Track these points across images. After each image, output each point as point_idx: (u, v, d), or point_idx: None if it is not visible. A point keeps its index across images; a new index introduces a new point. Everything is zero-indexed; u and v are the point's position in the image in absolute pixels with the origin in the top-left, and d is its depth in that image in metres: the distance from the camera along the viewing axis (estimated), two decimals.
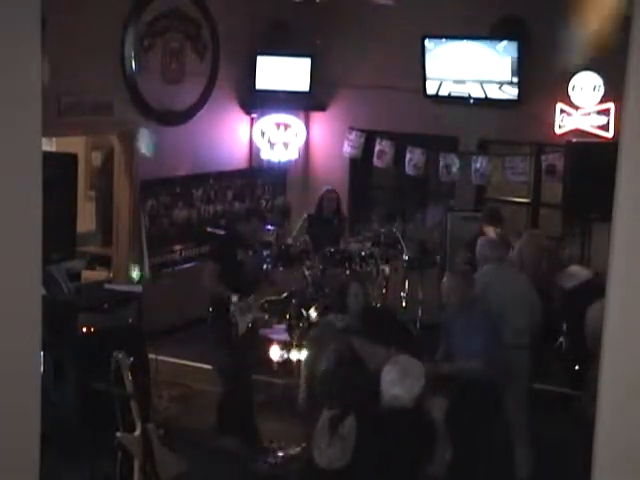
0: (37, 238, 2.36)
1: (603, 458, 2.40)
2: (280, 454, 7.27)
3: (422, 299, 10.17)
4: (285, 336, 8.91)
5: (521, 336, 6.94)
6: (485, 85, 10.28)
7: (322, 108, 11.43)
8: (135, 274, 9.50)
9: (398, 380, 4.89)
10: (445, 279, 6.78)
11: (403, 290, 10.13)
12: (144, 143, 9.53)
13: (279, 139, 11.22)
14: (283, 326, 8.97)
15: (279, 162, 11.36)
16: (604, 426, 2.39)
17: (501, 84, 10.19)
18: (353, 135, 11.11)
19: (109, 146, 10.55)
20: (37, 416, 2.46)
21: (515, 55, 10.01)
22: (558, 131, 9.99)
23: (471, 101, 10.41)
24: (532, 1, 10.01)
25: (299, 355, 8.74)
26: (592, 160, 8.74)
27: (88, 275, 10.53)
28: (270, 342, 8.91)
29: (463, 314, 6.53)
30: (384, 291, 10.14)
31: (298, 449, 6.94)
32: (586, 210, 9.04)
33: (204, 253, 10.52)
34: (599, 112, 9.78)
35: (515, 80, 10.09)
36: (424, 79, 10.49)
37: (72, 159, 7.52)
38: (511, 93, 10.17)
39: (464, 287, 6.59)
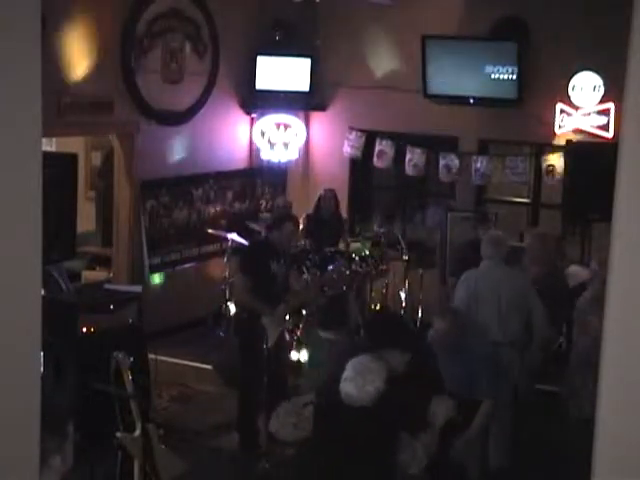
0: (37, 238, 2.36)
1: (603, 458, 2.40)
2: None
3: (422, 299, 10.18)
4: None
5: (514, 334, 6.94)
6: (485, 85, 10.27)
7: (322, 108, 11.43)
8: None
9: (351, 378, 4.80)
10: (435, 322, 6.53)
11: (403, 290, 10.13)
12: None
13: (279, 139, 11.21)
14: None
15: (279, 162, 11.35)
16: (604, 426, 2.39)
17: (501, 84, 10.18)
18: (353, 135, 11.11)
19: (109, 146, 10.56)
20: (37, 416, 2.46)
21: (515, 55, 10.01)
22: (558, 131, 10.00)
23: (471, 101, 10.41)
24: (532, 1, 10.02)
25: (298, 355, 8.77)
26: (592, 160, 8.74)
27: (88, 275, 10.54)
28: None
29: (454, 349, 6.35)
30: (384, 291, 10.16)
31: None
32: (586, 210, 9.04)
33: (205, 253, 10.54)
34: (599, 112, 9.78)
35: (515, 80, 10.09)
36: (424, 79, 10.48)
37: (72, 159, 7.52)
38: (511, 93, 10.16)
39: (452, 330, 6.34)
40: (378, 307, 10.20)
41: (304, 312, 8.80)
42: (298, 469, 5.07)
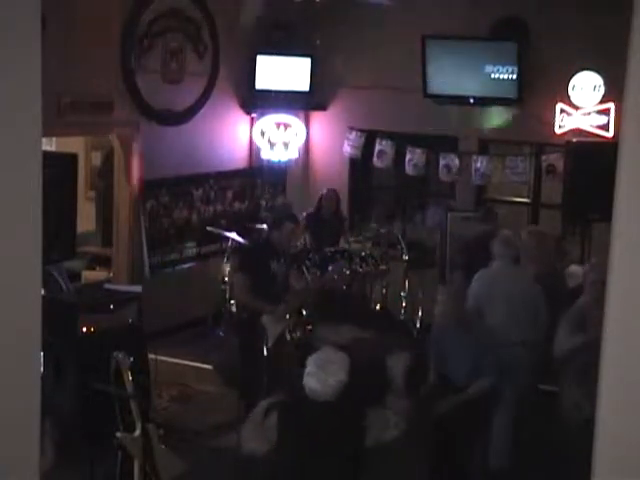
0: (37, 238, 2.36)
1: (603, 458, 2.40)
2: None
3: (422, 299, 10.16)
4: None
5: (523, 334, 6.97)
6: (485, 85, 10.27)
7: (322, 108, 11.43)
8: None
9: (314, 372, 4.77)
10: (439, 296, 6.64)
11: (403, 290, 10.13)
12: None
13: (279, 139, 11.22)
14: None
15: (279, 162, 11.36)
16: (604, 426, 2.39)
17: (501, 84, 10.18)
18: (353, 135, 11.11)
19: (109, 146, 10.56)
20: (37, 416, 2.46)
21: (515, 55, 10.01)
22: (558, 131, 10.00)
23: (471, 101, 10.41)
24: (532, 1, 10.02)
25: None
26: (592, 160, 8.74)
27: (88, 275, 10.55)
28: None
29: (458, 330, 6.43)
30: (384, 291, 10.16)
31: None
32: (586, 210, 9.04)
33: (205, 253, 10.54)
34: (599, 112, 9.78)
35: (515, 80, 10.09)
36: (424, 79, 10.48)
37: (72, 159, 7.52)
38: (511, 93, 10.16)
39: (457, 303, 6.47)
40: (378, 307, 10.20)
41: (304, 312, 8.79)
42: (269, 468, 5.04)
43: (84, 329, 7.38)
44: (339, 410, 4.74)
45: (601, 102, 9.75)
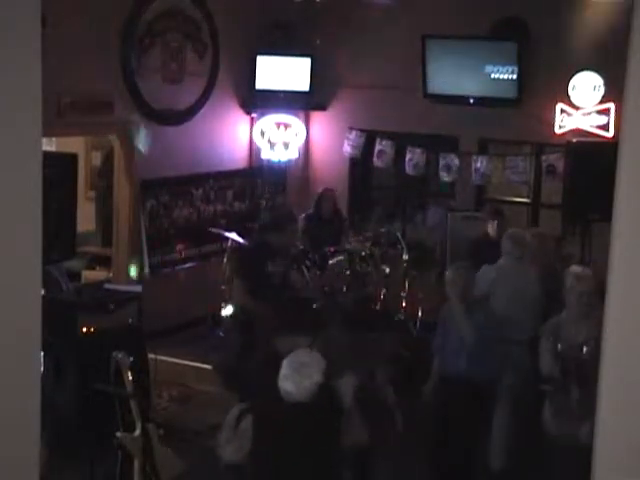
0: (37, 238, 2.37)
1: (603, 458, 2.40)
2: None
3: (422, 299, 10.16)
4: None
5: (523, 333, 6.98)
6: (485, 85, 10.27)
7: (322, 108, 11.43)
8: (132, 271, 9.54)
9: (289, 375, 4.74)
10: (447, 273, 6.71)
11: (403, 290, 10.12)
12: (140, 140, 9.52)
13: (279, 139, 11.22)
14: None
15: (279, 162, 11.36)
16: (604, 426, 2.39)
17: (501, 84, 10.18)
18: (353, 135, 11.11)
19: (109, 146, 10.55)
20: (37, 416, 2.46)
21: (515, 55, 10.01)
22: (558, 131, 10.00)
23: (471, 101, 10.41)
24: (532, 1, 10.01)
25: None
26: (592, 160, 8.74)
27: (88, 275, 10.55)
28: None
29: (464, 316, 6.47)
30: (384, 291, 10.15)
31: None
32: (586, 210, 9.04)
33: (205, 253, 10.53)
34: (599, 112, 9.78)
35: (515, 80, 10.09)
36: (424, 79, 10.49)
37: (72, 159, 7.51)
38: (511, 93, 10.17)
39: (465, 280, 6.51)
40: (378, 307, 10.20)
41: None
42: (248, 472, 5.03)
43: (84, 329, 7.39)
44: (314, 412, 4.74)
45: (601, 102, 9.74)
